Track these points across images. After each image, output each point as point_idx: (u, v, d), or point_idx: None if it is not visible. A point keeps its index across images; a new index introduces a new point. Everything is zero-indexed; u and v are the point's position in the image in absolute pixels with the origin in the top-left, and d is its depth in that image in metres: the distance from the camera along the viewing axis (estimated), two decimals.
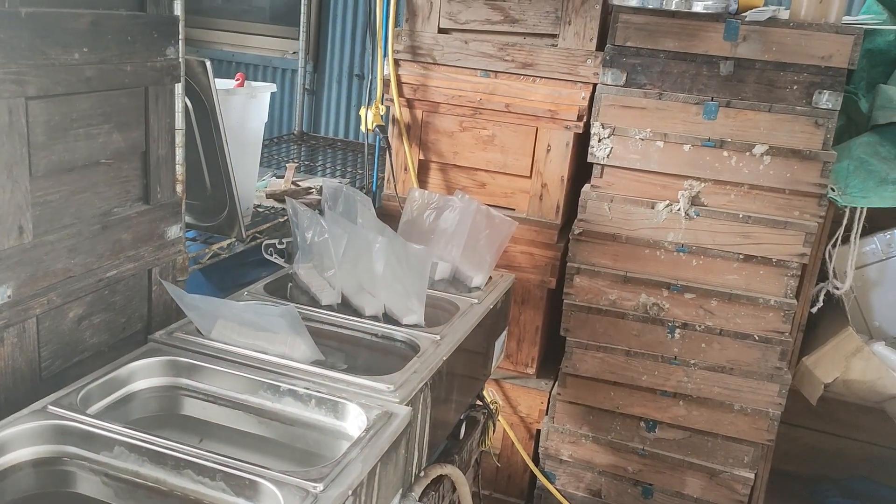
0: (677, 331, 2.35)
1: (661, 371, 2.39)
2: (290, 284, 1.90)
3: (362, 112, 2.52)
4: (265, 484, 1.09)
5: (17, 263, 1.28)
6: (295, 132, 3.79)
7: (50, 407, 1.20)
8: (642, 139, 2.29)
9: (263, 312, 1.45)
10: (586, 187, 2.40)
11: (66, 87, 1.33)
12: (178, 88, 1.64)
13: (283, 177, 2.68)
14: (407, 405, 1.36)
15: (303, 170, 3.11)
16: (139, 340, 1.60)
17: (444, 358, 1.57)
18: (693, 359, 2.36)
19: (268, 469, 1.11)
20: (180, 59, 1.60)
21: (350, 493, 1.11)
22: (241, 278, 2.35)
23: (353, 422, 1.32)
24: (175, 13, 1.59)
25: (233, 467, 1.12)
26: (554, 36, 2.39)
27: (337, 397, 1.34)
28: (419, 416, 1.46)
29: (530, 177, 2.46)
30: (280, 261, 2.27)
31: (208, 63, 1.78)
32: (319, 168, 3.25)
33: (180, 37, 1.60)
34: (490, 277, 2.06)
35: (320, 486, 1.09)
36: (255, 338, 1.48)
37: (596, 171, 2.36)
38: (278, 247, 2.30)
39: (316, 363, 1.44)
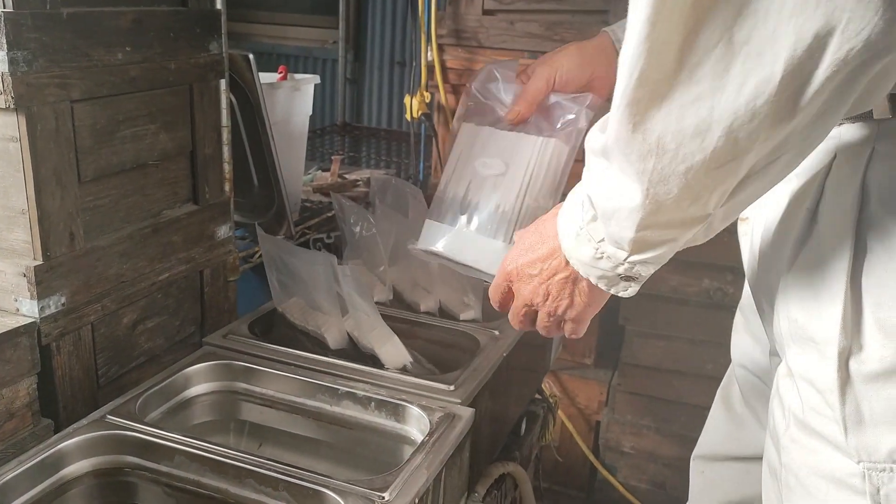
0: None
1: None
2: None
3: (407, 100, 2.46)
4: (329, 494, 1.05)
5: (70, 271, 1.26)
6: (337, 123, 3.75)
7: (109, 416, 1.18)
8: None
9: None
10: None
11: (111, 89, 1.30)
12: (223, 84, 1.60)
13: (328, 170, 2.65)
14: (469, 405, 1.30)
15: (347, 161, 3.07)
16: (194, 343, 1.57)
17: (504, 354, 1.51)
18: None
19: (331, 478, 1.07)
20: (224, 55, 1.56)
21: (417, 500, 1.06)
22: None
23: (415, 425, 1.27)
24: (217, 7, 1.55)
25: (296, 476, 1.08)
26: (604, 12, 2.29)
27: (397, 400, 1.29)
28: (480, 415, 1.41)
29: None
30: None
31: (252, 57, 1.74)
32: (364, 159, 3.21)
33: (223, 31, 1.55)
34: None
35: (386, 496, 1.04)
36: (316, 324, 1.53)
37: None
38: (326, 241, 2.27)
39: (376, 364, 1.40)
